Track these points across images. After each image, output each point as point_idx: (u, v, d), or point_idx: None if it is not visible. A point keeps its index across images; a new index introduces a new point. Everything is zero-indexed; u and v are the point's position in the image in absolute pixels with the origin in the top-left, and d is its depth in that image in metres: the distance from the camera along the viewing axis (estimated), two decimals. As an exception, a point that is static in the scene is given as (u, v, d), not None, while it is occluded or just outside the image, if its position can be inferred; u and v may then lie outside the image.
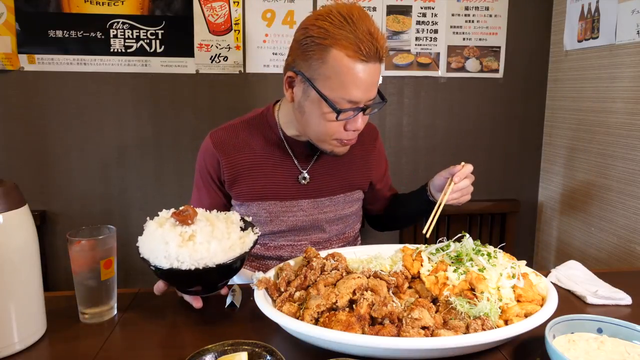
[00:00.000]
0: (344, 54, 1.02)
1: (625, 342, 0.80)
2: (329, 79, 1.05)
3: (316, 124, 1.13)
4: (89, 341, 0.87)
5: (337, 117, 1.07)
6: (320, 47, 1.04)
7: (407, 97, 2.18)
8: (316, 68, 1.06)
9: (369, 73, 1.05)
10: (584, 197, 2.01)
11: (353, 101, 1.06)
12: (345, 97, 1.05)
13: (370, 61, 1.04)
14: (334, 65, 1.03)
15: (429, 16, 2.13)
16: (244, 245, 0.94)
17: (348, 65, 1.03)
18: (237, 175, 1.25)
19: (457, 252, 0.98)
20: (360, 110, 1.09)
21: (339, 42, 1.02)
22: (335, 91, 1.05)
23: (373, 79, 1.07)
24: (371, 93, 1.09)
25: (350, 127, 1.12)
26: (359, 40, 1.01)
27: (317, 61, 1.05)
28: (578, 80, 2.02)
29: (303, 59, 1.08)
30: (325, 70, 1.05)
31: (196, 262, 0.87)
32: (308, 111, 1.12)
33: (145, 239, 0.91)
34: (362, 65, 1.03)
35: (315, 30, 1.04)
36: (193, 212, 0.93)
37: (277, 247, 1.31)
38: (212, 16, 2.02)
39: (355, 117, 1.10)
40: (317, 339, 0.80)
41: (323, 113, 1.09)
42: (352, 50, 1.02)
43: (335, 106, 1.06)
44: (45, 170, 2.04)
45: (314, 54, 1.05)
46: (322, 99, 1.06)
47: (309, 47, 1.06)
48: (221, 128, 1.28)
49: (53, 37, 1.95)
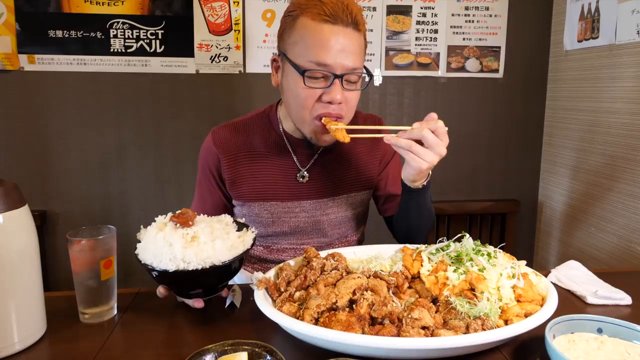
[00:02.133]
0: (309, 17, 1.05)
1: (625, 342, 0.80)
2: (296, 44, 1.07)
3: (293, 99, 1.11)
4: (89, 341, 0.87)
5: (304, 81, 1.06)
6: (290, 19, 1.09)
7: (407, 97, 2.18)
8: (286, 39, 1.10)
9: (338, 35, 1.04)
10: (584, 197, 2.01)
11: (320, 63, 1.04)
12: (312, 59, 1.04)
13: (338, 24, 1.04)
14: (300, 30, 1.06)
15: (429, 16, 2.13)
16: (245, 243, 0.94)
17: (312, 27, 1.05)
18: (237, 174, 1.24)
19: (457, 252, 0.98)
20: (334, 77, 1.05)
21: (306, 10, 1.06)
22: (302, 56, 1.06)
23: (344, 44, 1.05)
24: (345, 60, 1.05)
25: (326, 98, 1.07)
26: (323, 4, 1.04)
27: (288, 32, 1.09)
28: (578, 80, 2.02)
29: (280, 37, 1.12)
30: (293, 37, 1.08)
31: (203, 261, 0.87)
32: (285, 88, 1.13)
33: (146, 245, 0.90)
34: (328, 26, 1.04)
35: (290, 6, 1.11)
36: (192, 213, 0.93)
37: (279, 251, 1.30)
38: (212, 16, 2.02)
39: (331, 88, 1.06)
40: (317, 339, 0.80)
41: (295, 81, 1.08)
42: (316, 13, 1.04)
43: (299, 68, 1.06)
44: (45, 170, 2.04)
45: (286, 27, 1.10)
46: (292, 67, 1.07)
47: (284, 24, 1.11)
48: (223, 126, 1.28)
49: (53, 37, 1.95)
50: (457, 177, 2.27)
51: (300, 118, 1.13)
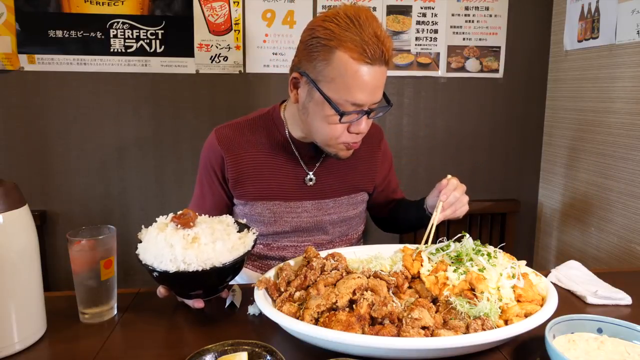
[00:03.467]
0: (349, 55, 1.02)
1: (625, 342, 0.80)
2: (333, 80, 1.04)
3: (319, 127, 1.12)
4: (89, 341, 0.87)
5: (340, 119, 1.07)
6: (325, 49, 1.03)
7: (407, 97, 2.18)
8: (321, 69, 1.05)
9: (374, 76, 1.04)
10: (584, 197, 2.01)
11: (357, 104, 1.06)
12: (349, 99, 1.05)
13: (376, 64, 1.03)
14: (338, 67, 1.03)
15: (429, 16, 2.13)
16: (246, 244, 0.94)
17: (353, 68, 1.02)
18: (241, 173, 1.24)
19: (457, 252, 0.98)
20: (364, 113, 1.08)
21: (345, 44, 1.01)
22: (339, 93, 1.05)
23: (378, 82, 1.06)
24: (376, 96, 1.08)
25: (354, 130, 1.11)
26: (365, 43, 1.01)
27: (322, 62, 1.04)
28: (578, 80, 2.02)
29: (308, 60, 1.07)
30: (329, 71, 1.04)
31: (203, 262, 0.87)
32: (312, 113, 1.12)
33: (147, 245, 0.91)
34: (367, 67, 1.03)
35: (322, 31, 1.04)
36: (193, 214, 0.93)
37: (280, 248, 1.31)
38: (212, 16, 2.02)
39: (359, 121, 1.09)
40: (317, 339, 0.80)
41: (326, 115, 1.09)
42: (357, 52, 1.01)
43: (338, 108, 1.05)
44: (45, 170, 2.04)
45: (319, 55, 1.05)
46: (326, 101, 1.06)
47: (314, 48, 1.05)
48: (226, 125, 1.28)
49: (53, 37, 1.95)
50: (457, 177, 2.25)
51: (325, 143, 1.16)
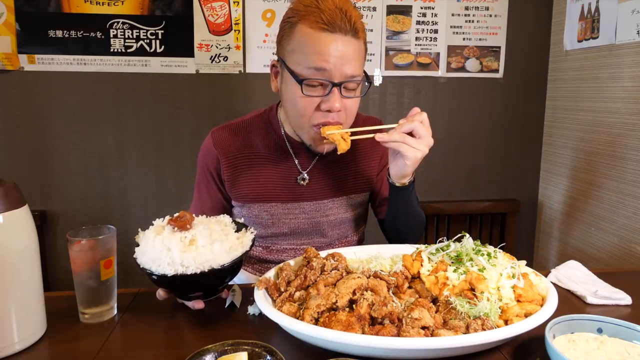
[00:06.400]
0: (307, 25, 1.05)
1: (625, 342, 0.80)
2: (295, 52, 1.07)
3: (291, 109, 1.12)
4: (89, 341, 0.87)
5: (301, 89, 1.06)
6: (288, 25, 1.08)
7: (407, 97, 2.18)
8: (285, 46, 1.09)
9: (336, 46, 1.04)
10: (583, 197, 2.01)
11: (315, 68, 1.04)
12: (309, 65, 1.04)
13: (337, 32, 1.03)
14: (298, 37, 1.06)
15: (429, 16, 2.13)
16: (244, 245, 0.94)
17: (311, 35, 1.04)
18: (237, 175, 1.24)
19: (457, 252, 0.98)
20: (332, 86, 1.05)
21: (304, 17, 1.05)
22: (300, 64, 1.06)
23: (343, 52, 1.04)
24: (344, 68, 1.05)
25: (324, 107, 1.07)
26: (321, 11, 1.03)
27: (286, 39, 1.09)
28: (578, 80, 2.02)
29: (279, 43, 1.12)
30: (292, 45, 1.07)
31: (201, 265, 0.86)
32: (284, 95, 1.13)
33: (144, 249, 0.90)
34: (326, 34, 1.03)
35: (288, 12, 1.10)
36: (190, 216, 0.93)
37: (279, 251, 1.30)
38: (212, 16, 2.02)
39: (329, 96, 1.06)
40: (317, 339, 0.80)
41: (293, 90, 1.08)
42: (315, 21, 1.04)
43: (298, 77, 1.06)
44: (45, 170, 2.04)
45: (285, 34, 1.09)
46: (290, 74, 1.07)
47: (282, 30, 1.11)
48: (222, 126, 1.27)
49: (53, 37, 1.95)
50: (457, 177, 2.27)
51: (299, 126, 1.14)
